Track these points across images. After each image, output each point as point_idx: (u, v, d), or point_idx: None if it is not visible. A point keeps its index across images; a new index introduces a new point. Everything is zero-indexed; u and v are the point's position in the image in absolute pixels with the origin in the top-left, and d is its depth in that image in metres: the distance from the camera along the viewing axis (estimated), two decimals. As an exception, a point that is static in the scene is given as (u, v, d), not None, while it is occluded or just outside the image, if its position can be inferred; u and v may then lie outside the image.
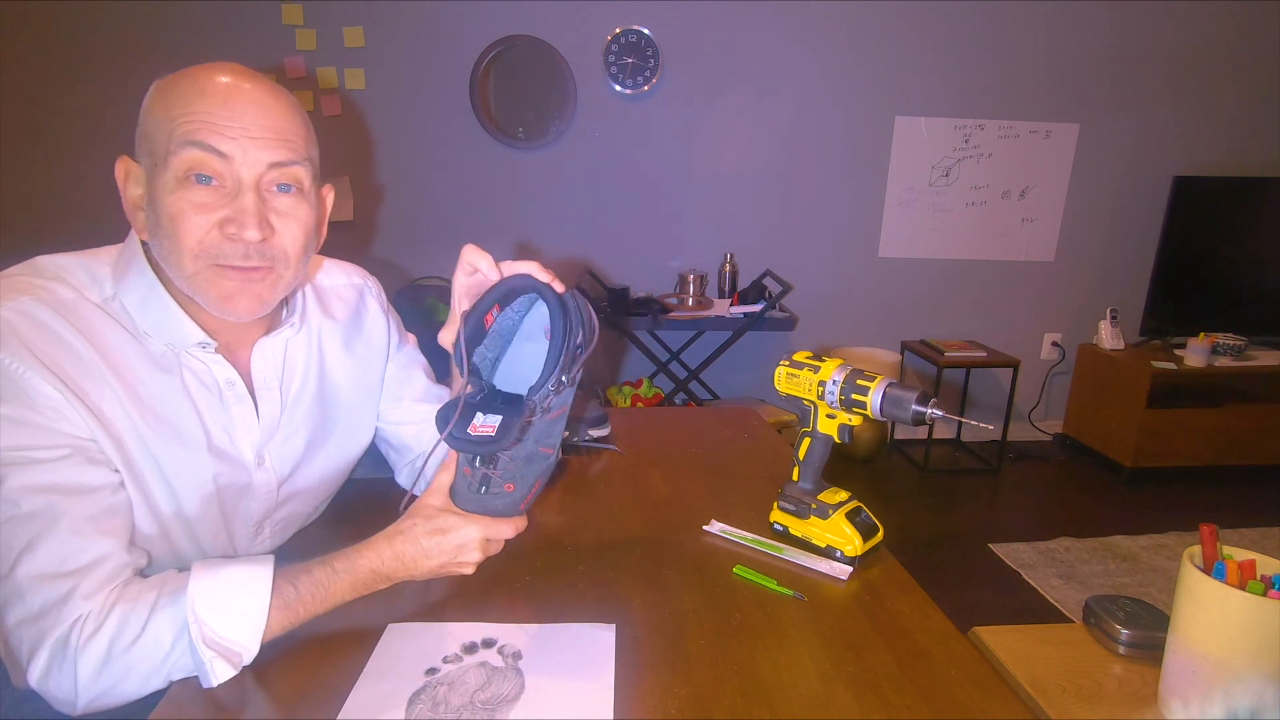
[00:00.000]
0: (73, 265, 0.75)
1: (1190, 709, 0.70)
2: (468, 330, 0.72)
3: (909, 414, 0.81)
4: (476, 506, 0.77)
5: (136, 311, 0.75)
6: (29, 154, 2.73)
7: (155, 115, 0.71)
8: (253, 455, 0.83)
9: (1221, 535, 0.71)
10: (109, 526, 0.68)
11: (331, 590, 0.74)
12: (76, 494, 0.67)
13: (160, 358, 0.76)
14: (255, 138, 0.71)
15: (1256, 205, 3.06)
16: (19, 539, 0.65)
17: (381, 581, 0.77)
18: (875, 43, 2.94)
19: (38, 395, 0.66)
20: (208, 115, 0.69)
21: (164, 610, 0.66)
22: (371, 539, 0.77)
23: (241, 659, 0.67)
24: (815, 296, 3.11)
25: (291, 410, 0.87)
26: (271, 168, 0.72)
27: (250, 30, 2.70)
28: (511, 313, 0.77)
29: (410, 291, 2.77)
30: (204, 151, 0.69)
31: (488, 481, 0.76)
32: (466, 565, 0.79)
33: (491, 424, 0.69)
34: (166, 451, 0.75)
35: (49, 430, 0.67)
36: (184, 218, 0.70)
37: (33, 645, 0.64)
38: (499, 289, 0.74)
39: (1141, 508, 2.81)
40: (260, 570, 0.70)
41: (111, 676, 0.64)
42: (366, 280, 1.01)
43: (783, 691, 0.67)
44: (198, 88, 0.70)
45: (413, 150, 2.90)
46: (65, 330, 0.70)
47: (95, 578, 0.65)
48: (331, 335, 0.92)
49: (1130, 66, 3.05)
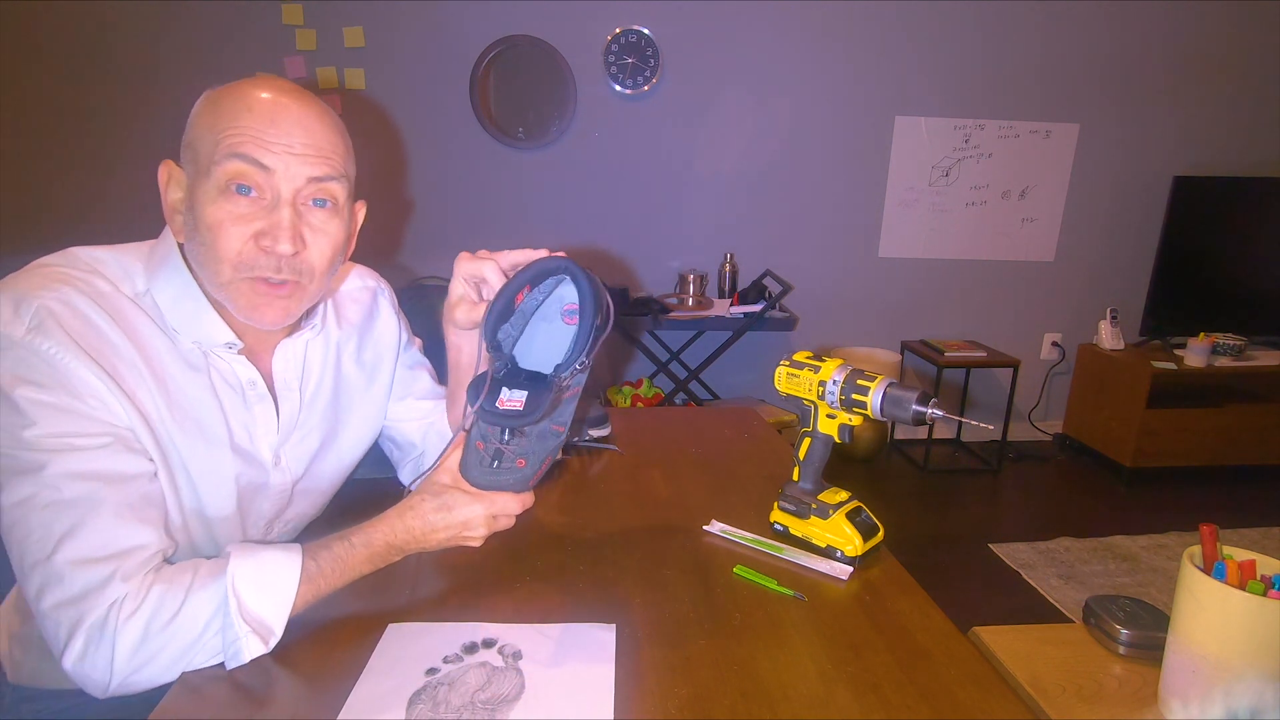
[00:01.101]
0: (107, 258, 0.77)
1: (1190, 709, 0.70)
2: (499, 307, 0.74)
3: (909, 414, 0.81)
4: (487, 481, 0.77)
5: (168, 309, 0.77)
6: (28, 154, 2.73)
7: (202, 126, 0.73)
8: (270, 454, 0.85)
9: (1221, 535, 0.71)
10: (147, 515, 0.70)
11: (349, 564, 0.76)
12: (116, 481, 0.69)
13: (189, 355, 0.78)
14: (297, 153, 0.73)
15: (1256, 205, 3.06)
16: (60, 524, 0.66)
17: (395, 554, 0.79)
18: (875, 43, 2.94)
19: (80, 383, 0.68)
20: (253, 130, 0.71)
21: (201, 590, 0.68)
22: (384, 514, 0.80)
23: (270, 638, 0.69)
24: (815, 296, 3.11)
25: (308, 411, 0.89)
26: (310, 182, 0.75)
27: (250, 30, 2.70)
28: (539, 293, 0.78)
29: (411, 291, 2.76)
30: (246, 164, 0.71)
31: (500, 456, 0.77)
32: (473, 541, 0.81)
33: (519, 398, 0.71)
34: (191, 447, 0.77)
35: (91, 418, 0.68)
36: (222, 228, 0.72)
37: (70, 628, 0.65)
38: (533, 269, 0.75)
39: (1141, 508, 2.81)
40: (292, 554, 0.73)
41: (146, 655, 0.65)
42: (380, 283, 1.04)
43: (783, 691, 0.67)
44: (246, 103, 0.72)
45: (413, 150, 2.90)
46: (103, 321, 0.71)
47: (134, 562, 0.67)
48: (346, 337, 0.95)
49: (1130, 66, 3.05)
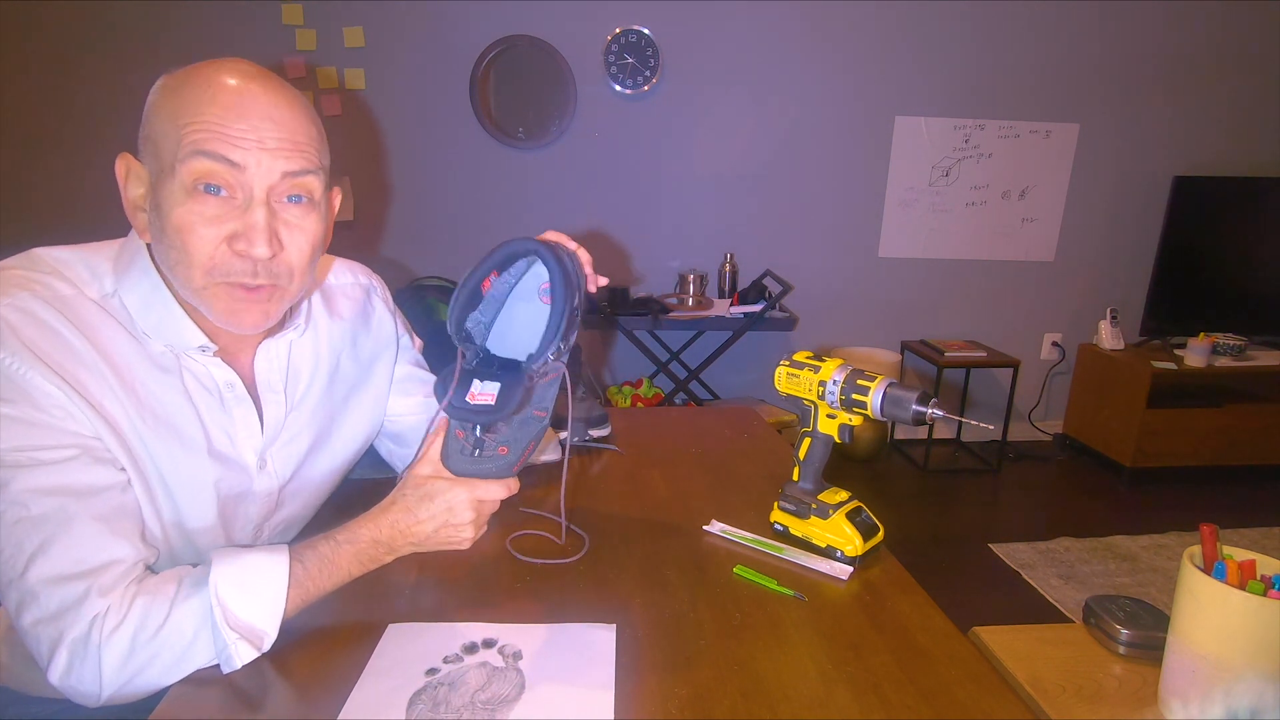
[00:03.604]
0: (71, 259, 0.73)
1: (1190, 709, 0.70)
2: (463, 297, 0.72)
3: (909, 414, 0.81)
4: (469, 469, 0.77)
5: (137, 311, 0.73)
6: (28, 152, 2.73)
7: (162, 117, 0.67)
8: (255, 458, 0.82)
9: (1221, 535, 0.71)
10: (121, 527, 0.68)
11: (336, 563, 0.75)
12: (86, 495, 0.66)
13: (160, 358, 0.74)
14: (269, 148, 0.68)
15: (1256, 205, 3.06)
16: (30, 542, 0.63)
17: (383, 551, 0.78)
18: (875, 43, 2.94)
19: (41, 394, 0.65)
20: (219, 123, 0.66)
21: (186, 600, 0.66)
22: (368, 511, 0.79)
23: (263, 642, 0.68)
24: (815, 296, 3.11)
25: (297, 412, 0.86)
26: (284, 178, 0.70)
27: (250, 30, 2.70)
28: (510, 276, 0.76)
29: (411, 291, 2.76)
30: (214, 162, 0.66)
31: (481, 445, 0.76)
32: (463, 529, 0.79)
33: (490, 392, 0.69)
34: (167, 453, 0.74)
35: (55, 429, 0.65)
36: (192, 231, 0.67)
37: (52, 644, 0.63)
38: (498, 254, 0.73)
39: (1141, 508, 2.81)
40: (277, 556, 0.71)
41: (135, 667, 0.64)
42: (372, 280, 1.01)
43: (783, 691, 0.67)
44: (209, 92, 0.67)
45: (413, 150, 2.90)
46: (64, 327, 0.68)
47: (110, 576, 0.65)
48: (338, 335, 0.92)
49: (1130, 66, 3.05)
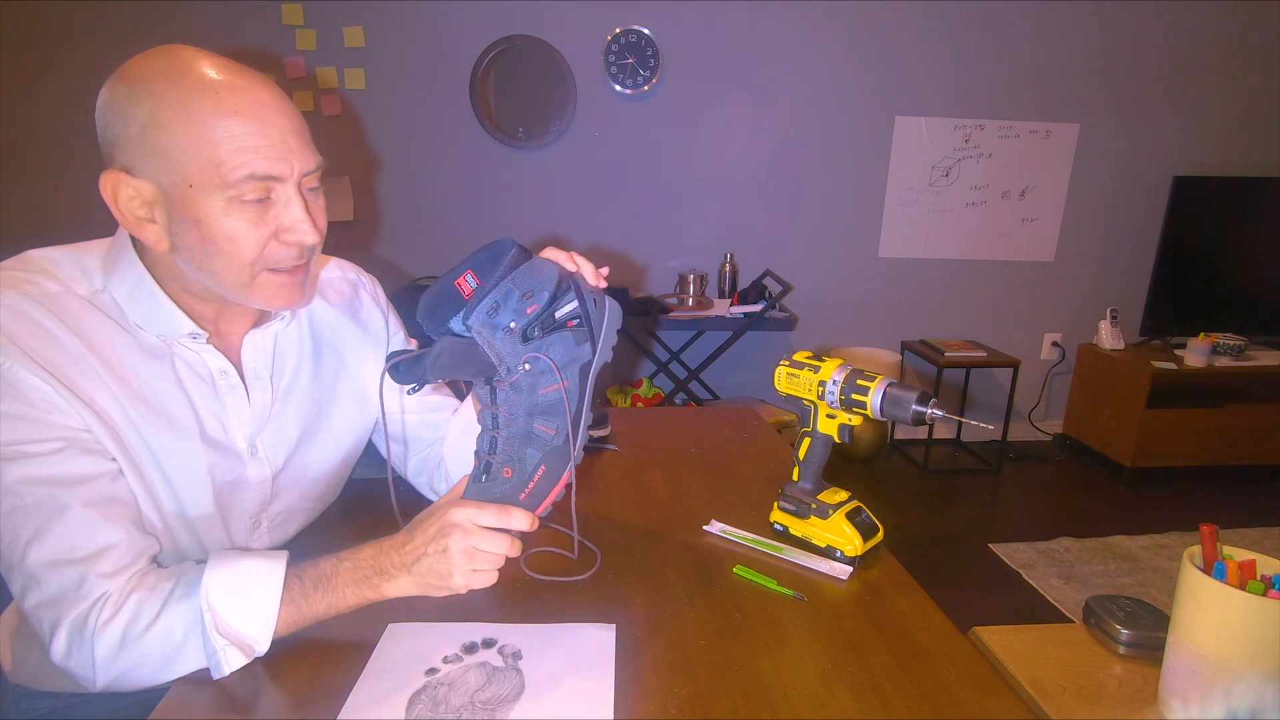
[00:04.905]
0: (62, 259, 0.76)
1: (1190, 709, 0.70)
2: (431, 294, 0.74)
3: (909, 414, 0.81)
4: (478, 496, 0.78)
5: (126, 303, 0.75)
6: (27, 153, 2.73)
7: (174, 134, 0.67)
8: (245, 444, 0.83)
9: (1221, 535, 0.71)
10: (113, 513, 0.70)
11: (335, 580, 0.74)
12: (75, 484, 0.68)
13: (151, 347, 0.77)
14: (294, 149, 0.73)
15: (1256, 205, 3.06)
16: (26, 529, 0.67)
17: (379, 575, 0.76)
18: (875, 43, 2.94)
19: (28, 389, 0.67)
20: (249, 138, 0.69)
21: (179, 602, 0.68)
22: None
23: (254, 649, 0.69)
24: (815, 296, 3.11)
25: (283, 401, 0.88)
26: (307, 175, 0.75)
27: (250, 30, 2.70)
28: (509, 281, 0.77)
29: (410, 291, 2.77)
30: (265, 182, 0.71)
31: (489, 468, 0.76)
32: (453, 562, 0.75)
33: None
34: (160, 441, 0.76)
35: (43, 423, 0.68)
36: (245, 237, 0.72)
37: (52, 625, 0.66)
38: (476, 257, 0.74)
39: (1141, 508, 2.81)
40: (274, 564, 0.72)
41: (126, 662, 0.66)
42: (360, 276, 1.02)
43: (783, 691, 0.67)
44: (228, 104, 0.68)
45: (413, 150, 2.90)
46: (51, 323, 0.70)
47: (108, 562, 0.68)
48: (322, 324, 0.93)
49: (1130, 66, 3.05)
